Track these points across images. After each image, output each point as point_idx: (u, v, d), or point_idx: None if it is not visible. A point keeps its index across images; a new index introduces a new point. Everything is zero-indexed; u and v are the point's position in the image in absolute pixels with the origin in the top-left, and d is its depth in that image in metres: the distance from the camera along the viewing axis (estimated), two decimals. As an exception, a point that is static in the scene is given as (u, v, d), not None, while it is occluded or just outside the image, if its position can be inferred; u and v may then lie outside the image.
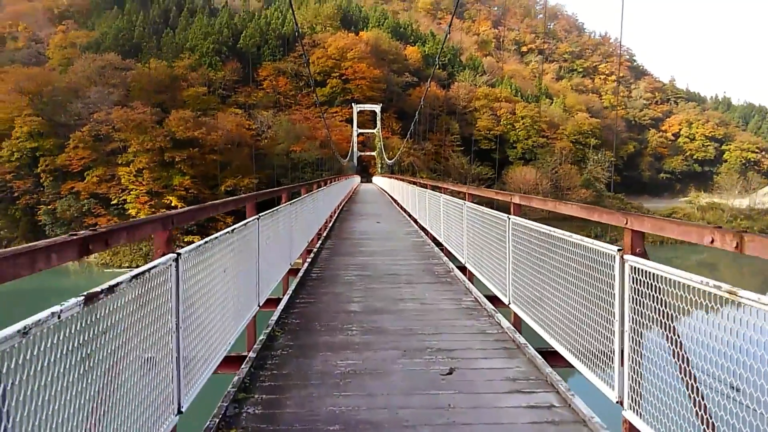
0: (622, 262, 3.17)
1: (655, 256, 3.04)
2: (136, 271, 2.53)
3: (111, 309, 2.19)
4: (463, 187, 9.63)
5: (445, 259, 9.47)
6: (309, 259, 9.40)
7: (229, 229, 4.32)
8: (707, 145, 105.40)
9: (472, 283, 7.46)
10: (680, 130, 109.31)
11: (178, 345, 2.98)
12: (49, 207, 50.38)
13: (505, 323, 5.57)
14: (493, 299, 6.33)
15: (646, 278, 2.92)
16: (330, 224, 15.42)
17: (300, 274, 8.15)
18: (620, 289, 3.19)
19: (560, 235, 4.13)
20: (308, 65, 55.23)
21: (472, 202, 7.81)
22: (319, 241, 11.73)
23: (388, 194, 31.49)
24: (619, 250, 3.24)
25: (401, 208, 21.08)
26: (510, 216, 5.64)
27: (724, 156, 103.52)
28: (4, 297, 25.75)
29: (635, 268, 3.04)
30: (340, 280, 7.87)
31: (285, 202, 7.70)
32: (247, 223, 5.01)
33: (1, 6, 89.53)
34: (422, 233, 13.32)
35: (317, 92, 76.20)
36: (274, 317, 5.81)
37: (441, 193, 10.62)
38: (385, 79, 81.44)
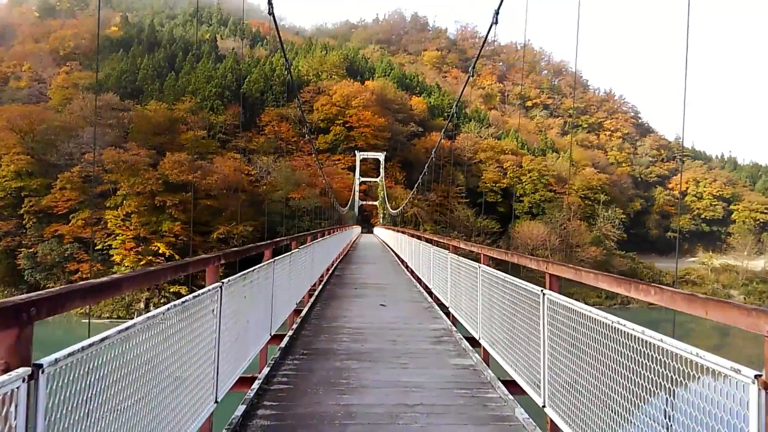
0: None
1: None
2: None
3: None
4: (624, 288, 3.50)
5: None
6: None
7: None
8: (715, 205, 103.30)
9: None
10: (687, 188, 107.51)
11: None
12: (30, 250, 47.59)
13: None
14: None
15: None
16: (306, 308, 9.78)
17: None
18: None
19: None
20: (303, 113, 53.61)
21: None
22: (265, 373, 5.71)
23: (392, 250, 28.35)
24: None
25: (412, 273, 16.19)
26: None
27: (733, 216, 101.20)
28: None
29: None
30: None
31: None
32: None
33: (8, 46, 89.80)
34: (461, 339, 7.58)
35: (318, 139, 74.78)
36: None
37: (543, 290, 4.56)
38: (390, 127, 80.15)
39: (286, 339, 7.29)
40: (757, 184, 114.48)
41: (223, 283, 4.01)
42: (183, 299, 3.23)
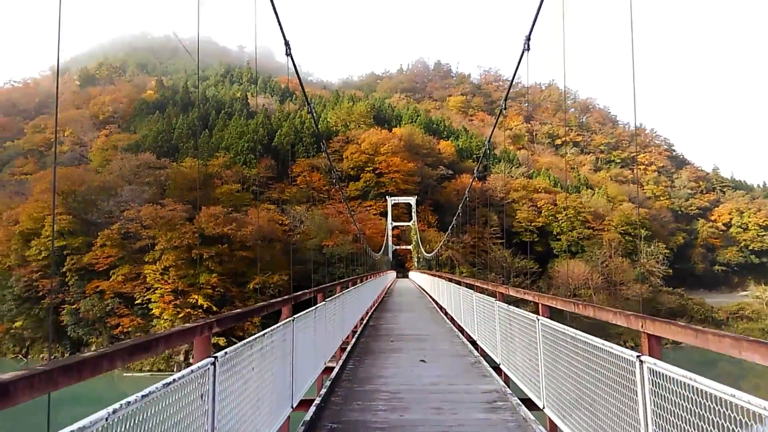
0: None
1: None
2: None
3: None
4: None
5: None
6: None
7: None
8: (762, 235, 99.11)
9: None
10: (731, 219, 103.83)
11: None
12: (72, 307, 48.36)
13: None
14: None
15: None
16: (338, 366, 9.05)
17: None
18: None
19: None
20: (330, 162, 54.05)
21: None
22: None
23: (429, 295, 27.50)
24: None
25: (452, 321, 15.35)
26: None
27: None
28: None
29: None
30: None
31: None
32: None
33: (51, 113, 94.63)
34: (519, 405, 6.40)
35: (349, 186, 75.33)
36: None
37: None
38: (420, 172, 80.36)
39: (312, 409, 6.24)
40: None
41: (216, 358, 3.21)
42: (147, 390, 2.38)
